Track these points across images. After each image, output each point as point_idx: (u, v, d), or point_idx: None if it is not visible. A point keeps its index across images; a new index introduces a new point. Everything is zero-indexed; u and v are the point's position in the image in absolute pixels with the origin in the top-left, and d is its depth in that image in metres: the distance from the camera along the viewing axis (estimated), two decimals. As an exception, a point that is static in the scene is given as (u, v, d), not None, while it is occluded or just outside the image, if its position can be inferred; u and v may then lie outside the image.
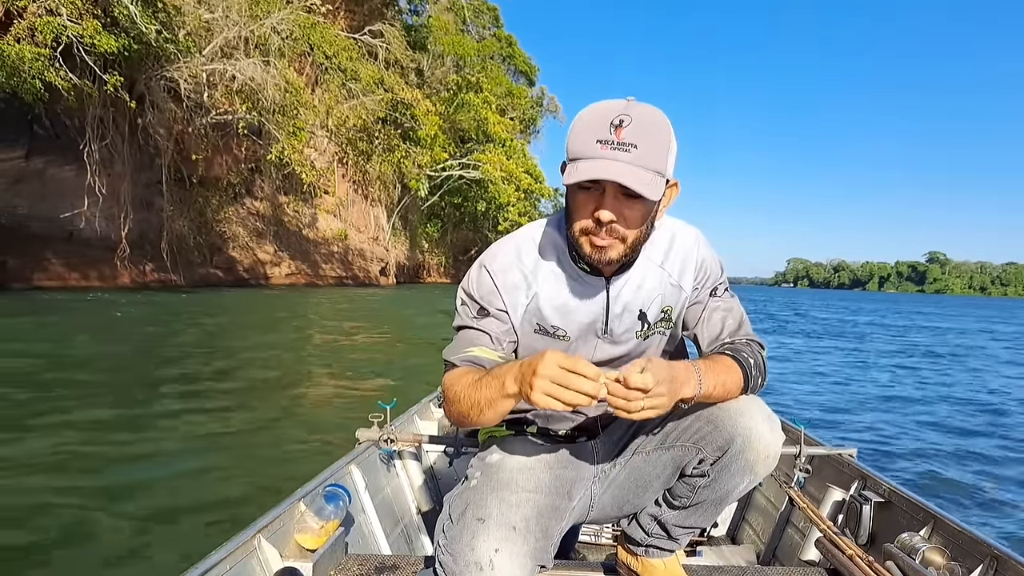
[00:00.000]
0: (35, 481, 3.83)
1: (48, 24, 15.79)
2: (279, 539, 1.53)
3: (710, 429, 1.29)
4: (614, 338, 1.37)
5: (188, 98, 21.77)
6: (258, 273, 30.08)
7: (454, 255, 52.78)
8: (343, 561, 1.69)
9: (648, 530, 1.49)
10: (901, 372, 12.35)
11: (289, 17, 23.70)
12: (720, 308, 1.40)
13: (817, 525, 1.92)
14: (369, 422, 2.27)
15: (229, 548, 1.37)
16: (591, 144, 1.13)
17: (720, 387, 1.24)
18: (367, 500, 2.09)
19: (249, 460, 4.43)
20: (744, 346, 1.34)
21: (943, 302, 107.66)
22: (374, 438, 2.24)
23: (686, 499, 1.39)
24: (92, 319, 13.12)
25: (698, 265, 1.37)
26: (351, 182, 38.38)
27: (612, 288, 1.32)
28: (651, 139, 1.13)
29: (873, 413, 8.02)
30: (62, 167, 20.14)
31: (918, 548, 1.62)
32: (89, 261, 21.30)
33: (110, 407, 5.72)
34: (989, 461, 5.96)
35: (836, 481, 2.20)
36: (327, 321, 15.54)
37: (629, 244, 1.21)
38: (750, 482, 1.33)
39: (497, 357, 1.31)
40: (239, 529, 1.47)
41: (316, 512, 1.62)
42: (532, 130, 57.84)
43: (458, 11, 46.91)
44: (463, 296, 1.38)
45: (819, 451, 2.28)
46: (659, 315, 1.37)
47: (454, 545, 1.19)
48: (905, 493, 1.91)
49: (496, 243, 1.40)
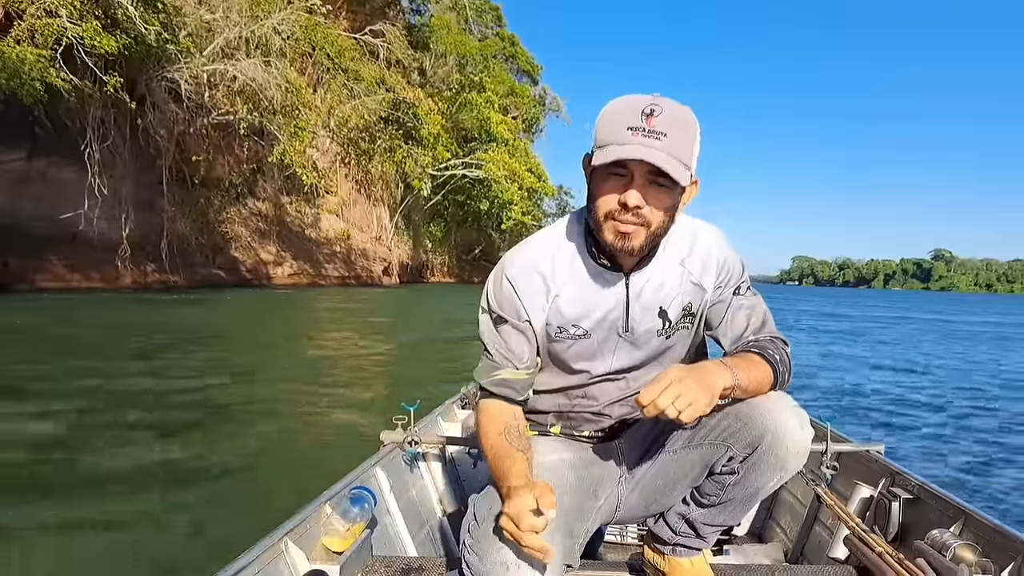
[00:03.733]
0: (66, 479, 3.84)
1: (48, 26, 15.76)
2: (306, 542, 1.54)
3: (739, 426, 1.29)
4: (636, 336, 1.36)
5: (189, 99, 21.74)
6: (261, 274, 30.08)
7: (458, 254, 52.79)
8: (369, 563, 1.69)
9: (676, 529, 1.49)
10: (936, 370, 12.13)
11: (290, 17, 23.65)
12: (744, 306, 1.38)
13: (845, 522, 1.90)
14: (393, 424, 2.29)
15: (257, 551, 1.38)
16: (622, 131, 1.13)
17: (753, 382, 1.24)
18: (392, 502, 2.10)
19: (269, 465, 4.45)
20: (769, 343, 1.33)
21: (950, 299, 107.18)
22: (398, 440, 2.26)
23: (715, 497, 1.39)
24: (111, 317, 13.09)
25: (720, 264, 1.36)
26: (353, 182, 38.40)
27: (632, 284, 1.32)
28: (681, 131, 1.14)
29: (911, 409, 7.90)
30: (63, 168, 20.14)
31: (949, 545, 1.58)
32: (91, 262, 21.28)
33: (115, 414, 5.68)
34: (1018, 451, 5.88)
35: (864, 478, 2.17)
36: (338, 321, 15.58)
37: (652, 232, 1.20)
38: (780, 478, 1.32)
39: (524, 376, 1.37)
40: (265, 532, 1.49)
41: (342, 514, 1.64)
42: (535, 129, 57.79)
43: (460, 10, 46.89)
44: (483, 304, 1.39)
45: (846, 448, 2.26)
46: (680, 313, 1.36)
47: (480, 545, 1.21)
48: (935, 489, 1.87)
49: (514, 248, 1.41)
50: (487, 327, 1.39)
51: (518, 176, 42.32)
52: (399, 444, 2.27)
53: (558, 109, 59.78)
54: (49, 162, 20.21)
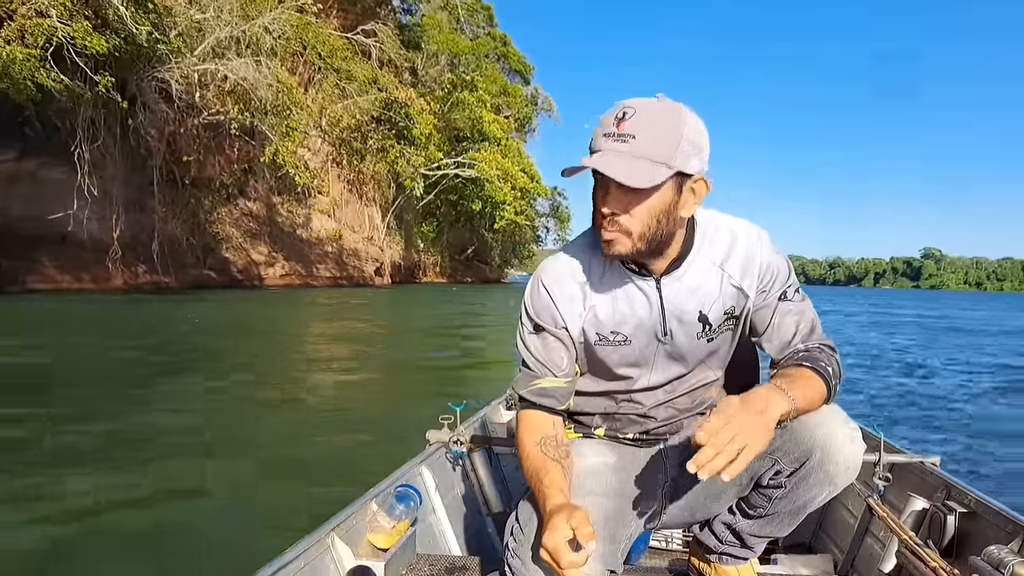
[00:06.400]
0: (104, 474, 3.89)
1: (38, 26, 15.70)
2: (352, 538, 1.55)
3: (787, 440, 1.26)
4: (675, 340, 1.33)
5: (180, 99, 21.66)
6: (252, 274, 30.00)
7: (450, 254, 52.75)
8: (414, 561, 1.70)
9: (722, 538, 1.47)
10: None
11: (281, 17, 23.59)
12: (791, 312, 1.33)
13: (898, 535, 1.83)
14: (439, 424, 2.29)
15: (304, 546, 1.38)
16: (599, 138, 1.14)
17: (808, 401, 1.20)
18: (437, 501, 2.11)
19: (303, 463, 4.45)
20: (819, 352, 1.29)
21: (938, 297, 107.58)
22: (444, 439, 2.26)
23: (762, 509, 1.37)
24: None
25: (763, 268, 1.31)
26: (345, 182, 38.34)
27: (664, 289, 1.29)
28: (654, 130, 1.12)
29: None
30: (54, 169, 20.07)
31: (1007, 562, 1.51)
32: (82, 263, 21.20)
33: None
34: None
35: (918, 490, 2.10)
36: (345, 321, 15.50)
37: (636, 238, 1.18)
38: (829, 493, 1.30)
39: (563, 384, 1.35)
40: (311, 527, 1.49)
41: (388, 512, 1.64)
42: (527, 129, 57.89)
43: (452, 10, 46.91)
44: (522, 312, 1.39)
45: (900, 459, 2.20)
46: (722, 317, 1.32)
47: (522, 548, 1.21)
48: (993, 504, 1.80)
49: (550, 257, 1.40)
50: (525, 337, 1.38)
51: (511, 176, 42.36)
52: (445, 443, 2.27)
53: (550, 109, 59.93)
54: (39, 162, 20.12)
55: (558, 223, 64.44)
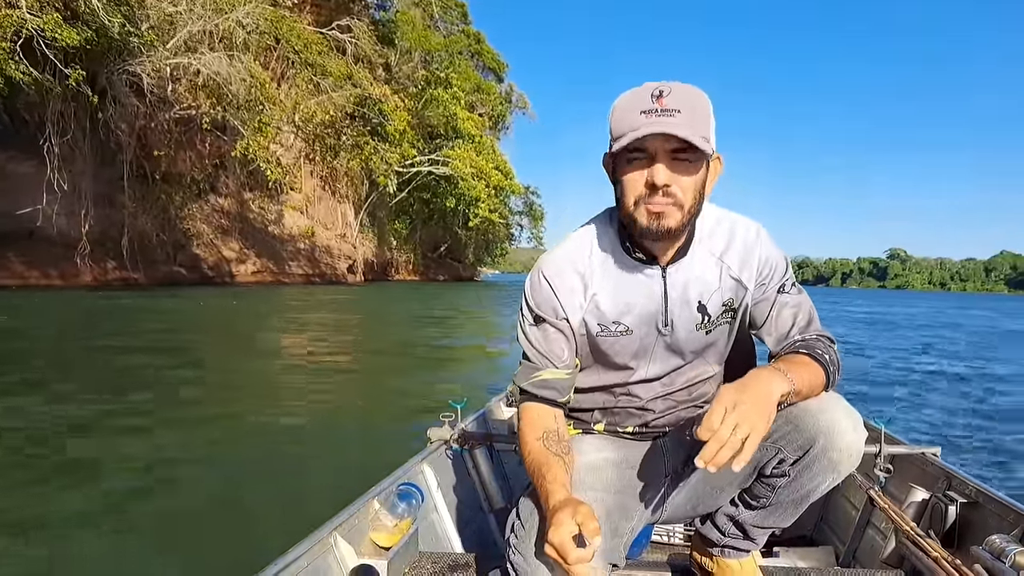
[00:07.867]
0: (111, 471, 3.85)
1: (7, 17, 15.40)
2: (354, 537, 1.56)
3: (790, 428, 1.25)
4: (675, 331, 1.33)
5: (151, 93, 21.40)
6: (223, 271, 29.68)
7: (423, 252, 52.60)
8: (416, 559, 1.71)
9: (724, 530, 1.47)
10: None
11: (255, 11, 23.40)
12: (789, 304, 1.34)
13: (899, 526, 1.85)
14: (440, 421, 2.30)
15: (306, 545, 1.39)
16: (635, 117, 1.13)
17: (808, 385, 1.21)
18: (439, 498, 2.13)
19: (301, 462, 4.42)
20: (816, 342, 1.29)
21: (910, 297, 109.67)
22: (445, 437, 2.27)
23: (765, 499, 1.36)
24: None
25: (762, 261, 1.32)
26: (318, 178, 38.08)
27: (669, 277, 1.30)
28: (694, 107, 1.14)
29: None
30: (22, 163, 19.68)
31: (1008, 551, 1.51)
32: (50, 259, 20.81)
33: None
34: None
35: (919, 481, 2.10)
36: (330, 321, 15.43)
37: (686, 211, 1.18)
38: (832, 481, 1.29)
39: (564, 375, 1.36)
40: (313, 527, 1.50)
41: (390, 510, 1.64)
42: (501, 126, 57.89)
43: (425, 7, 46.68)
44: (522, 304, 1.39)
45: (900, 450, 2.22)
46: (720, 308, 1.33)
47: (524, 544, 1.21)
48: (994, 494, 1.81)
49: (550, 250, 1.40)
50: (526, 329, 1.38)
51: (485, 173, 42.36)
52: (446, 441, 2.28)
53: (524, 106, 60.06)
54: (7, 156, 19.72)
55: (532, 221, 64.60)
